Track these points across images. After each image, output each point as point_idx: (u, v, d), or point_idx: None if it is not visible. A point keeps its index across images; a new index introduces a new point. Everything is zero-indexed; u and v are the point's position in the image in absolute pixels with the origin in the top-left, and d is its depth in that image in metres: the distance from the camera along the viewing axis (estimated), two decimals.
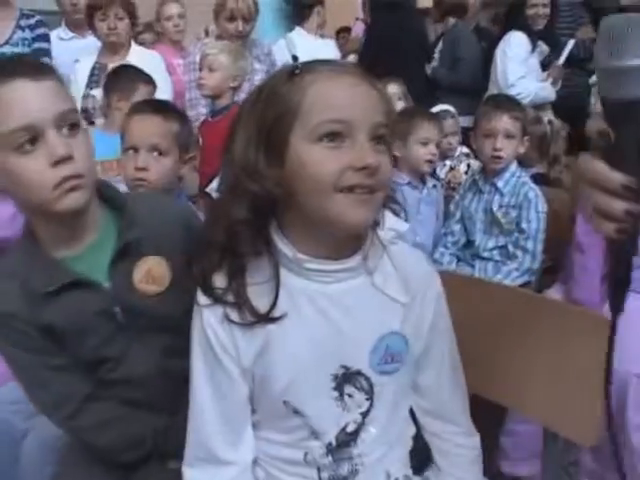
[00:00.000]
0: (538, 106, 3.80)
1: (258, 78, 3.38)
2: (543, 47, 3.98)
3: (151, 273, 1.23)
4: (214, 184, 2.20)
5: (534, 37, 3.93)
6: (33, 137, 1.08)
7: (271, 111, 0.97)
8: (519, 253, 2.43)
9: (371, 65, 4.01)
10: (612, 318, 0.84)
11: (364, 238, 1.07)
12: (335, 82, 0.97)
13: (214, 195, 1.10)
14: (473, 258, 2.58)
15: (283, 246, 1.02)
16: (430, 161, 2.68)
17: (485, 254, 2.54)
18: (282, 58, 4.05)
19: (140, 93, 2.72)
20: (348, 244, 1.05)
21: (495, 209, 2.50)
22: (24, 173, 1.09)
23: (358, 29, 5.77)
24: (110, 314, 1.23)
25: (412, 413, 1.21)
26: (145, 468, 1.31)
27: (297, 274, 1.04)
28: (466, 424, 1.22)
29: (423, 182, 2.74)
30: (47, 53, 3.47)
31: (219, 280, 1.04)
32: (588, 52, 4.20)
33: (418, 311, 1.11)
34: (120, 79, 2.82)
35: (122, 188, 1.70)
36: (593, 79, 3.61)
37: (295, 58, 3.30)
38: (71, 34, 3.95)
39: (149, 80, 2.85)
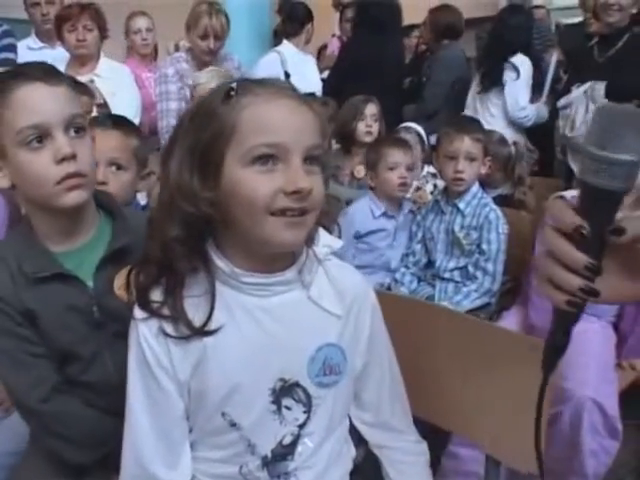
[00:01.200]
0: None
1: None
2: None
3: (128, 282, 1.25)
4: None
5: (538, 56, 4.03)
6: (41, 135, 1.18)
7: (206, 132, 0.98)
8: (479, 274, 2.45)
9: (341, 82, 4.09)
10: (543, 378, 0.86)
11: (299, 253, 1.09)
12: (270, 105, 0.98)
13: None
14: (434, 278, 2.59)
15: (219, 261, 1.03)
16: (402, 184, 2.67)
17: (446, 275, 2.55)
18: (273, 72, 4.08)
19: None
20: (283, 259, 1.07)
21: (456, 230, 2.51)
22: (30, 168, 1.19)
23: (334, 46, 5.78)
24: (88, 312, 1.29)
25: (353, 435, 1.22)
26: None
27: (234, 288, 1.05)
28: (411, 432, 1.24)
29: (401, 207, 2.75)
30: (13, 64, 3.42)
31: (156, 294, 1.05)
32: (556, 75, 4.25)
33: (354, 324, 1.13)
34: None
35: None
36: (560, 102, 3.65)
37: (287, 75, 3.36)
38: (41, 44, 3.92)
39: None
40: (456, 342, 1.33)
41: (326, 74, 4.68)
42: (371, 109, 3.30)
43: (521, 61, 3.91)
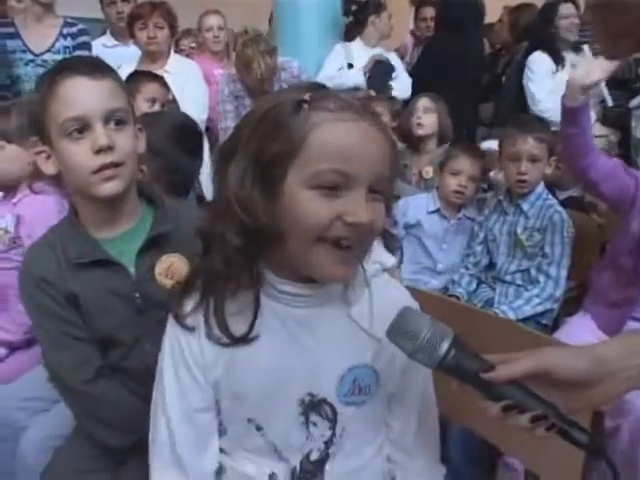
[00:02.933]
0: None
1: None
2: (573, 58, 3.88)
3: (171, 268, 1.33)
4: None
5: (559, 52, 3.87)
6: (82, 127, 1.24)
7: (272, 143, 0.92)
8: (542, 278, 2.37)
9: (422, 80, 4.04)
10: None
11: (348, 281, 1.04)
12: (343, 128, 0.91)
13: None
14: (494, 281, 2.52)
15: (262, 269, 1.00)
16: (458, 192, 2.65)
17: (507, 277, 2.48)
18: (337, 64, 4.12)
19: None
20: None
21: (519, 232, 2.45)
22: (70, 157, 1.26)
23: (407, 41, 5.73)
24: (130, 298, 1.33)
25: None
26: (133, 466, 1.35)
27: (272, 297, 1.02)
28: (426, 459, 1.18)
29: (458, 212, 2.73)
30: None
31: (189, 303, 1.05)
32: (633, 72, 4.08)
33: (392, 349, 1.05)
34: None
35: None
36: (633, 102, 3.49)
37: (351, 66, 3.36)
38: (115, 42, 4.07)
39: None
40: (505, 350, 1.28)
41: None
42: (423, 102, 3.33)
43: (533, 58, 3.87)
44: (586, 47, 3.71)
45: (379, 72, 4.06)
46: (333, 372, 1.05)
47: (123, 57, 3.85)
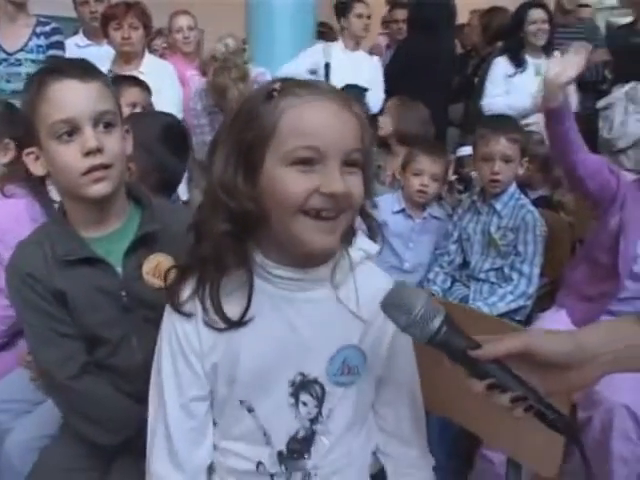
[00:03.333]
0: None
1: None
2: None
3: (159, 268, 1.34)
4: None
5: (521, 55, 3.97)
6: (72, 129, 1.25)
7: (249, 132, 1.00)
8: (515, 276, 2.43)
9: (394, 81, 4.07)
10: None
11: (333, 252, 1.09)
12: (311, 108, 0.99)
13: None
14: (468, 279, 2.58)
15: (253, 253, 1.06)
16: (421, 191, 2.68)
17: (481, 275, 2.53)
18: (312, 60, 4.11)
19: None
20: (316, 256, 1.07)
21: (493, 231, 2.50)
22: (60, 159, 1.27)
23: (381, 41, 5.77)
24: (116, 296, 1.35)
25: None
26: (121, 465, 1.38)
27: (263, 279, 1.07)
28: (420, 447, 1.23)
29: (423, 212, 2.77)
30: None
31: (186, 292, 1.09)
32: (600, 75, 4.18)
33: (378, 330, 1.14)
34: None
35: None
36: (600, 103, 3.59)
37: (327, 65, 3.34)
38: (87, 42, 4.03)
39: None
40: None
41: None
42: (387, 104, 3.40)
43: (495, 60, 4.02)
44: (557, 53, 3.80)
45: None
46: (323, 352, 1.10)
47: (96, 57, 3.75)
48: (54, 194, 2.14)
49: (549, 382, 0.93)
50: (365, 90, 3.88)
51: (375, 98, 4.00)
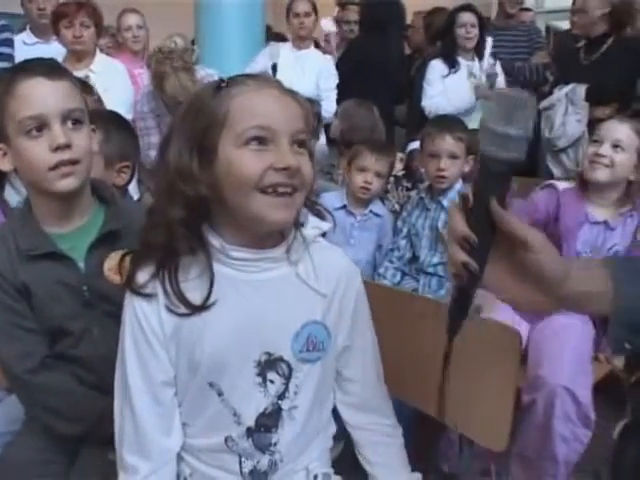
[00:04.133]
0: None
1: None
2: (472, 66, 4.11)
3: (120, 265, 1.33)
4: None
5: (453, 57, 4.09)
6: (40, 125, 1.28)
7: (200, 122, 1.06)
8: None
9: (343, 81, 4.11)
10: (448, 341, 0.98)
11: (287, 232, 1.16)
12: (259, 94, 1.07)
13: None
14: (418, 273, 2.66)
15: (212, 238, 1.11)
16: (364, 188, 2.74)
17: (429, 269, 2.61)
18: (260, 66, 4.11)
19: None
20: (272, 237, 1.14)
21: (440, 226, 2.58)
22: (28, 154, 1.30)
23: (331, 38, 5.80)
24: (79, 291, 1.38)
25: (335, 416, 1.29)
26: (86, 455, 1.42)
27: (224, 264, 1.12)
28: (390, 416, 1.31)
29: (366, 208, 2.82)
30: (9, 58, 3.48)
31: (144, 275, 1.12)
32: (541, 76, 4.33)
33: (339, 303, 1.20)
34: None
35: None
36: (543, 104, 3.73)
37: (274, 67, 3.32)
38: (35, 39, 3.96)
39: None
40: (434, 329, 1.40)
41: None
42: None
43: (431, 63, 4.14)
44: (498, 65, 3.94)
45: None
46: (287, 330, 1.14)
47: (44, 55, 3.75)
48: (8, 193, 2.16)
49: (510, 282, 0.91)
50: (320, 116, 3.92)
51: (327, 106, 4.04)
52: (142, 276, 1.12)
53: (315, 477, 1.22)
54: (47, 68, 1.32)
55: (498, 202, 0.86)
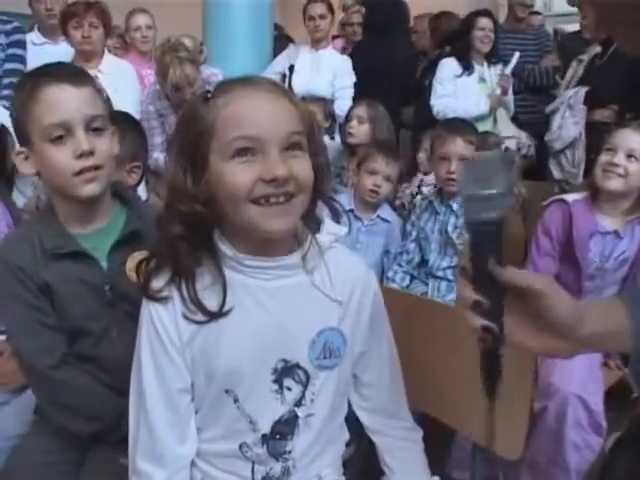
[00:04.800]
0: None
1: None
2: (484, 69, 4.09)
3: (137, 269, 1.33)
4: None
5: (469, 60, 4.07)
6: (64, 132, 1.30)
7: (192, 134, 1.05)
8: None
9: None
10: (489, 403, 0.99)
11: (303, 239, 1.14)
12: (246, 100, 1.04)
13: None
14: (427, 277, 2.64)
15: (223, 247, 1.10)
16: (373, 191, 2.73)
17: (439, 273, 2.60)
18: (279, 68, 4.18)
19: None
20: (283, 244, 1.12)
21: (450, 230, 2.57)
22: (52, 160, 1.32)
23: (337, 45, 5.80)
24: (101, 290, 1.40)
25: (347, 421, 1.28)
26: (96, 456, 1.42)
27: (238, 271, 1.10)
28: (408, 419, 1.30)
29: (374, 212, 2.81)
30: (22, 60, 3.48)
31: (160, 281, 1.12)
32: (551, 79, 4.32)
33: (356, 309, 1.19)
34: None
35: None
36: (549, 108, 3.74)
37: (291, 68, 3.31)
38: (43, 39, 3.94)
39: None
40: (446, 334, 1.39)
41: None
42: (357, 111, 3.41)
43: (442, 62, 4.10)
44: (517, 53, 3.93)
45: None
46: (304, 337, 1.13)
47: (52, 55, 3.75)
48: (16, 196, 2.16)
49: (527, 333, 0.92)
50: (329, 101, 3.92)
51: (341, 105, 4.02)
52: (157, 283, 1.11)
53: None
54: (71, 74, 1.34)
55: (496, 261, 0.87)
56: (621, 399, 2.05)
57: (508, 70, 4.01)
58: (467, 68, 4.04)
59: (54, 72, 1.34)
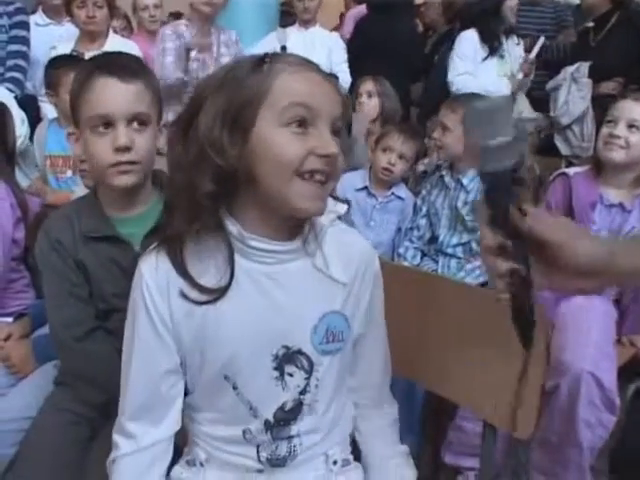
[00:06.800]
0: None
1: (224, 61, 3.42)
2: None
3: None
4: None
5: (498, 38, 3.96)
6: (106, 124, 1.37)
7: (237, 97, 0.99)
8: None
9: (354, 61, 4.06)
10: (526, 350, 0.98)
11: (305, 221, 1.11)
12: (302, 73, 1.01)
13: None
14: (437, 254, 2.62)
15: (230, 224, 1.05)
16: (386, 169, 2.72)
17: (449, 250, 2.58)
18: (272, 48, 4.07)
19: None
20: (291, 226, 1.08)
21: (460, 206, 2.54)
22: (93, 149, 1.39)
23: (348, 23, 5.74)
24: (132, 272, 1.36)
25: None
26: (109, 432, 1.37)
27: (241, 254, 1.06)
28: (390, 402, 1.30)
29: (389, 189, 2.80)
30: (25, 41, 3.48)
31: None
32: (568, 57, 4.23)
33: (357, 290, 1.16)
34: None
35: None
36: (549, 85, 3.79)
37: (284, 48, 3.32)
38: (48, 20, 3.94)
39: None
40: (455, 311, 1.36)
41: None
42: (365, 87, 3.39)
43: (464, 35, 3.98)
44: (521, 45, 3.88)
45: None
46: (306, 322, 1.10)
47: (56, 36, 3.78)
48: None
49: (554, 276, 0.90)
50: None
51: (343, 74, 3.98)
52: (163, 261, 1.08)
53: (335, 463, 1.19)
54: (122, 69, 1.39)
55: (516, 207, 0.86)
56: (635, 376, 2.04)
57: (532, 54, 3.94)
58: (495, 50, 3.94)
59: (108, 64, 1.40)
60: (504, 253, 0.87)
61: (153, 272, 1.08)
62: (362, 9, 5.26)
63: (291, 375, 1.11)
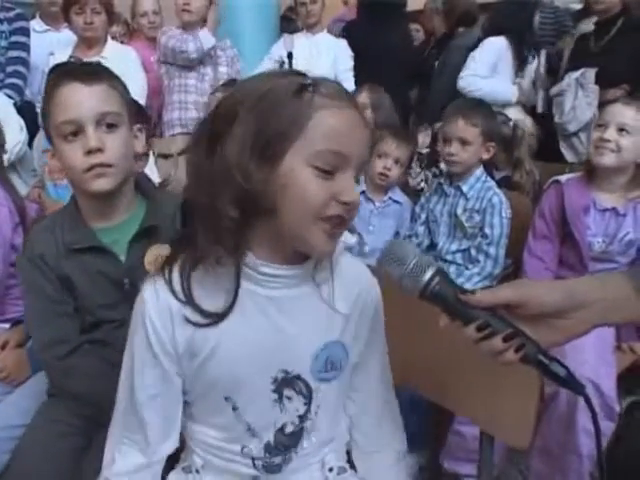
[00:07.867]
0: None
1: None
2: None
3: (159, 259, 1.32)
4: None
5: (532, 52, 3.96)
6: (76, 130, 1.36)
7: (274, 123, 0.95)
8: (481, 258, 2.47)
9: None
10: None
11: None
12: (342, 113, 0.97)
13: None
14: (436, 260, 2.59)
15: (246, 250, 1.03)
16: (382, 174, 2.72)
17: (448, 257, 2.57)
18: (280, 55, 4.13)
19: None
20: (299, 254, 1.05)
21: (459, 213, 2.53)
22: (66, 157, 1.38)
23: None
24: (119, 283, 1.44)
25: None
26: (102, 441, 1.37)
27: (247, 278, 1.04)
28: (392, 428, 1.26)
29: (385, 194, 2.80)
30: (25, 47, 3.48)
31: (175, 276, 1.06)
32: (568, 60, 4.22)
33: (357, 320, 1.15)
34: None
35: None
36: (553, 90, 3.72)
37: (290, 55, 3.31)
38: (45, 27, 3.95)
39: None
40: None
41: None
42: (360, 98, 3.31)
43: (488, 41, 3.93)
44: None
45: None
46: (307, 350, 1.09)
47: (54, 42, 3.78)
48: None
49: (541, 333, 0.94)
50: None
51: (348, 82, 3.96)
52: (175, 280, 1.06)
53: (330, 470, 1.18)
54: (84, 72, 1.39)
55: (460, 292, 0.95)
56: (634, 383, 2.03)
57: (542, 69, 3.93)
58: (524, 61, 3.92)
59: (69, 71, 1.40)
60: (488, 333, 0.92)
61: (154, 300, 1.06)
62: (346, 12, 5.29)
63: (289, 399, 1.10)
